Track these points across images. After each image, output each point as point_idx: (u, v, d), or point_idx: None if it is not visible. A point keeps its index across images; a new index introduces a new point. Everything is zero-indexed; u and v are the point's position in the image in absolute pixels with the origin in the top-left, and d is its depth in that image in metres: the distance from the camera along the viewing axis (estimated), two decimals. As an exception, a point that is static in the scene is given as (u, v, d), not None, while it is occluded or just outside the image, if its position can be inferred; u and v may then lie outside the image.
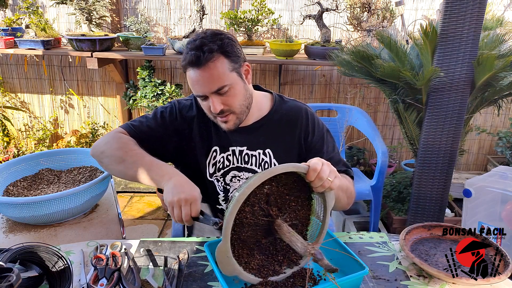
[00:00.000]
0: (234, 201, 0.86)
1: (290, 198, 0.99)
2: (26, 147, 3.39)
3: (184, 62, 1.12)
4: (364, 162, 3.38)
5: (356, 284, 0.98)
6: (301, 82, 3.31)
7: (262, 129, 1.27)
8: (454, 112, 2.00)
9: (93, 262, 1.03)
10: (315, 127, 1.29)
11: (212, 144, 1.27)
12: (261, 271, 0.97)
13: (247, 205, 0.93)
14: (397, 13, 2.85)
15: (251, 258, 0.97)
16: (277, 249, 1.02)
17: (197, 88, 1.12)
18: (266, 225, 0.98)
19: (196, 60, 1.08)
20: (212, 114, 1.17)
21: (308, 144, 1.29)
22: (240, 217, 0.93)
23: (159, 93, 2.87)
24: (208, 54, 1.07)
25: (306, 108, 1.32)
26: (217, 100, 1.12)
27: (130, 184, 3.14)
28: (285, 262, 1.01)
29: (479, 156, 3.51)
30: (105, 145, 1.18)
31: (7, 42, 2.82)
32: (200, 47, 1.08)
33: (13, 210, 1.34)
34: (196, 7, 2.72)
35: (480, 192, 1.95)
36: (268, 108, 1.29)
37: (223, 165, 1.28)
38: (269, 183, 0.94)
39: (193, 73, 1.10)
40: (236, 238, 0.95)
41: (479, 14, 1.85)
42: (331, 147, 1.31)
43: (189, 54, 1.09)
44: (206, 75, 1.09)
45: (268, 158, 1.27)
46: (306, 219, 1.04)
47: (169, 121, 1.26)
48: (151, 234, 2.65)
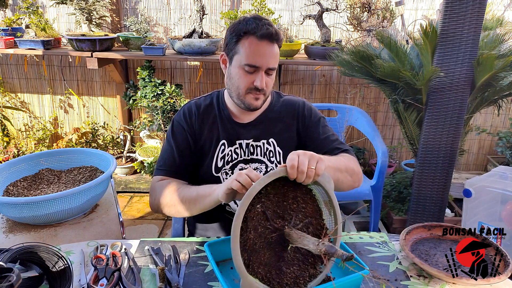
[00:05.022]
0: (232, 238, 0.85)
1: (288, 202, 0.97)
2: (26, 147, 3.39)
3: (253, 30, 1.15)
4: (364, 162, 3.38)
5: (356, 284, 0.98)
6: (301, 82, 3.31)
7: (265, 122, 1.33)
8: (454, 112, 2.00)
9: (93, 262, 1.03)
10: (310, 113, 1.35)
11: (220, 138, 1.31)
12: (298, 282, 0.95)
13: (249, 232, 0.91)
14: (397, 13, 2.85)
15: (282, 276, 0.94)
16: (302, 252, 0.99)
17: (258, 59, 1.17)
18: (280, 239, 0.95)
19: (274, 35, 1.16)
20: (248, 88, 1.20)
21: (304, 128, 1.34)
22: (249, 246, 0.90)
23: (159, 93, 2.87)
24: (279, 36, 1.19)
25: (303, 100, 1.39)
26: (264, 77, 1.20)
27: (130, 184, 3.14)
28: (318, 262, 0.99)
29: (479, 156, 3.51)
30: (154, 200, 1.26)
31: (7, 42, 2.82)
32: (272, 26, 1.17)
33: (13, 210, 1.34)
34: (196, 7, 2.72)
35: (480, 192, 1.95)
36: (268, 103, 1.36)
37: (231, 158, 1.31)
38: (258, 201, 0.92)
39: (262, 44, 1.16)
40: (258, 265, 0.91)
41: (479, 14, 1.85)
42: (327, 129, 1.35)
43: (265, 27, 1.15)
44: (273, 51, 1.18)
45: (272, 147, 1.32)
46: (316, 211, 1.00)
47: (182, 137, 1.31)
48: (151, 234, 2.65)
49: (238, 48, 1.18)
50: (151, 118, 3.02)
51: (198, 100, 1.36)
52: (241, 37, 1.17)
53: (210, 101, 1.35)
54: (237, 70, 1.20)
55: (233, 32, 1.19)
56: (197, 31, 2.76)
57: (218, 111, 1.33)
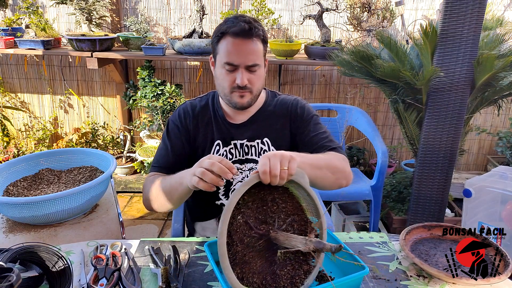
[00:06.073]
0: (220, 257, 0.84)
1: (268, 205, 0.96)
2: (26, 147, 3.39)
3: (229, 29, 1.16)
4: (364, 162, 3.38)
5: (356, 284, 0.98)
6: (301, 82, 3.31)
7: (259, 121, 1.33)
8: (454, 112, 2.00)
9: (93, 262, 1.03)
10: (303, 111, 1.34)
11: (214, 138, 1.31)
12: (295, 282, 0.95)
13: (236, 245, 0.90)
14: (397, 13, 2.85)
15: (278, 279, 0.94)
16: (293, 252, 0.98)
17: (235, 57, 1.17)
18: (268, 243, 0.95)
19: (249, 31, 1.16)
20: (232, 87, 1.21)
21: (296, 125, 1.33)
22: (239, 259, 0.90)
23: (159, 93, 2.87)
24: (258, 31, 1.18)
25: (296, 98, 1.38)
26: (246, 74, 1.19)
27: (130, 184, 3.15)
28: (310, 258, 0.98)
29: (479, 156, 3.51)
30: (144, 197, 1.26)
31: (7, 42, 2.82)
32: (251, 22, 1.17)
33: (13, 210, 1.34)
34: (196, 7, 2.72)
35: (480, 192, 1.95)
36: (262, 102, 1.36)
37: (226, 159, 1.29)
38: (238, 213, 0.92)
39: (236, 42, 1.16)
40: (252, 275, 0.91)
41: (479, 14, 1.85)
42: (319, 127, 1.32)
43: (239, 24, 1.15)
44: (249, 48, 1.17)
45: (267, 147, 1.32)
46: (297, 207, 1.00)
47: (177, 137, 1.32)
48: (151, 234, 2.65)
49: (218, 48, 1.20)
50: (151, 118, 3.02)
51: (193, 101, 1.37)
52: (220, 37, 1.19)
53: (206, 102, 1.36)
54: (220, 70, 1.22)
55: (214, 33, 1.22)
56: (197, 31, 2.76)
57: (213, 112, 1.34)
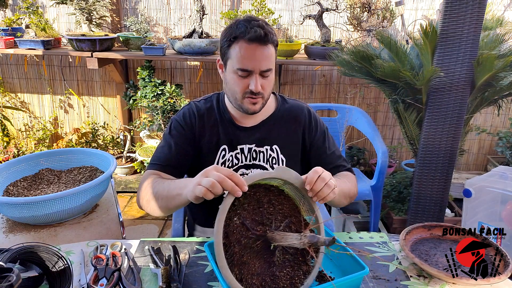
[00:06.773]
0: (217, 257, 0.84)
1: (264, 207, 0.96)
2: (26, 147, 3.39)
3: (243, 34, 1.13)
4: (364, 162, 3.38)
5: (356, 284, 0.98)
6: (301, 82, 3.31)
7: (269, 127, 1.32)
8: (454, 112, 2.00)
9: (93, 262, 1.03)
10: (317, 124, 1.36)
11: (220, 143, 1.29)
12: (295, 282, 0.94)
13: (233, 246, 0.90)
14: (397, 13, 2.85)
15: (277, 280, 0.93)
16: (291, 253, 0.99)
17: (249, 62, 1.14)
18: (266, 245, 0.95)
19: (264, 37, 1.12)
20: (244, 92, 1.18)
21: (311, 140, 1.34)
22: (237, 260, 0.90)
23: (159, 93, 2.87)
24: (272, 36, 1.15)
25: (307, 106, 1.38)
26: (259, 80, 1.17)
27: (130, 184, 3.15)
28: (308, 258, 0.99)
29: (479, 156, 3.51)
30: (140, 193, 1.19)
31: (7, 42, 2.82)
32: (265, 27, 1.14)
33: (13, 210, 1.34)
34: (196, 7, 2.72)
35: (480, 192, 1.95)
36: (273, 107, 1.34)
37: (232, 164, 1.29)
38: (235, 214, 0.92)
39: (251, 47, 1.13)
40: (251, 277, 0.91)
41: (479, 14, 1.85)
42: (332, 143, 1.37)
43: (254, 29, 1.12)
44: (265, 53, 1.15)
45: (276, 154, 1.31)
46: (293, 209, 1.00)
47: (181, 136, 1.28)
48: (151, 234, 2.65)
49: (230, 53, 1.17)
50: (151, 118, 3.02)
51: (198, 102, 1.33)
52: (232, 42, 1.15)
53: (210, 104, 1.32)
54: (232, 75, 1.18)
55: (224, 37, 1.18)
56: (197, 31, 2.76)
57: (219, 114, 1.30)
